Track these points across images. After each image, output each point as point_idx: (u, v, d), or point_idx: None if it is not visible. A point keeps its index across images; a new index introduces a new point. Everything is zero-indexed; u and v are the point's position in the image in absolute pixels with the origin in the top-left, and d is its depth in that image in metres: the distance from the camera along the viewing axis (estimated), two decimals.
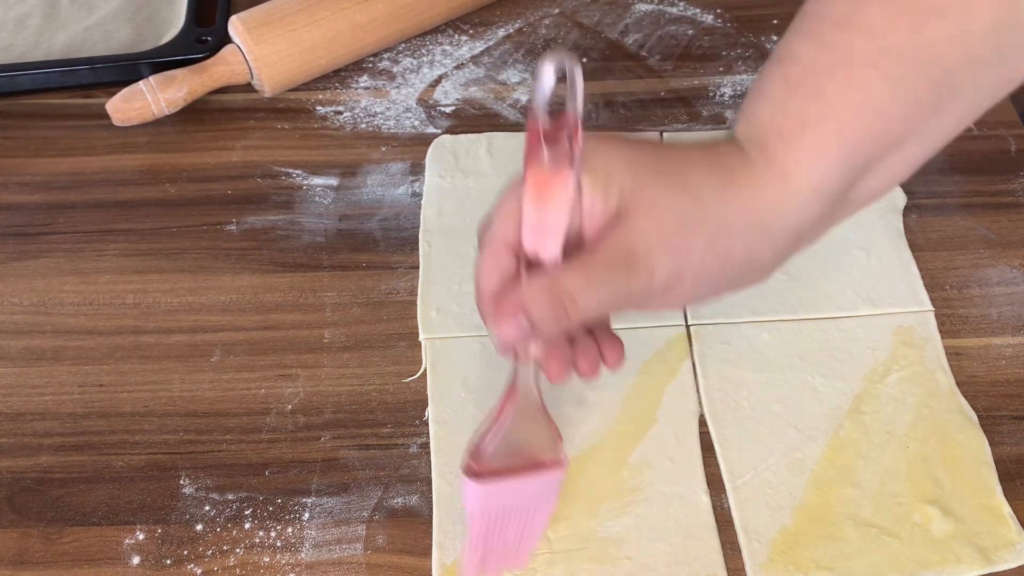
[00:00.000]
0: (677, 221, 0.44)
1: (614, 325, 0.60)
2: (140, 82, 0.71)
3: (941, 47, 0.44)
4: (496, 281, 0.46)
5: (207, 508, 0.54)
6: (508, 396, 0.48)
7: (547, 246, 0.45)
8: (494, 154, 0.71)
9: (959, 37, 0.44)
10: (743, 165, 0.46)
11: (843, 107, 0.45)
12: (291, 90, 0.76)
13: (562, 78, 0.43)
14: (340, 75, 0.77)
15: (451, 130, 0.73)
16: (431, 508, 0.54)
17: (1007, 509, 0.53)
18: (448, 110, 0.75)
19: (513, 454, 0.48)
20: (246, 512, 0.54)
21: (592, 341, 0.50)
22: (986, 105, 0.47)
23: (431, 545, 0.53)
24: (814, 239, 0.48)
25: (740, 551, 0.53)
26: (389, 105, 0.75)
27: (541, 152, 0.43)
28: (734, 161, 0.46)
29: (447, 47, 0.79)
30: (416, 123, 0.74)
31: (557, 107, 0.43)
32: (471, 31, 0.81)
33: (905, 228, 0.66)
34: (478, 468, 0.47)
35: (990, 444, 0.56)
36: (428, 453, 0.56)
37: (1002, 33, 0.44)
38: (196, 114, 0.74)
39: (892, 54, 0.44)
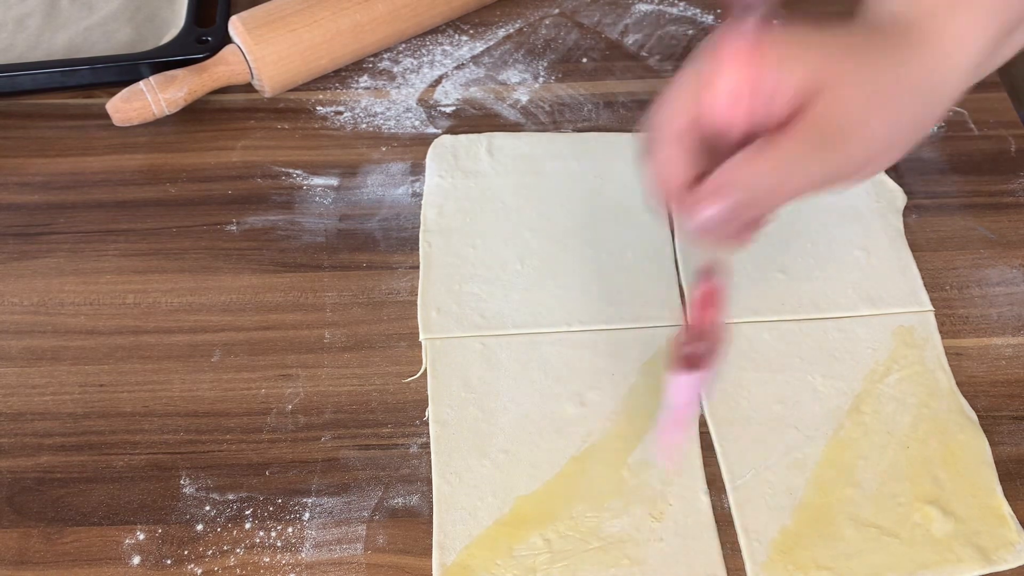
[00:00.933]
0: (870, 96, 0.45)
1: (613, 326, 0.61)
2: (140, 82, 0.71)
3: None
4: (683, 165, 0.47)
5: (207, 508, 0.54)
6: (705, 284, 0.50)
7: (745, 116, 0.45)
8: (494, 154, 0.71)
9: None
10: (910, 42, 0.47)
11: None
12: (291, 90, 0.76)
13: None
14: (340, 75, 0.77)
15: (451, 130, 0.73)
16: (431, 508, 0.54)
17: (1007, 509, 0.53)
18: (448, 110, 0.75)
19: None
20: (246, 512, 0.54)
21: None
22: None
23: (431, 545, 0.53)
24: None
25: (740, 551, 0.53)
26: (389, 105, 0.75)
27: (745, 22, 0.44)
28: (901, 39, 0.47)
29: (447, 47, 0.79)
30: (416, 123, 0.74)
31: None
32: (471, 31, 0.81)
33: (905, 228, 0.66)
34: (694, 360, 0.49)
35: (990, 444, 0.56)
36: (428, 453, 0.56)
37: None
38: (196, 114, 0.74)
39: None
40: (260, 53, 0.72)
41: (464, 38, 0.80)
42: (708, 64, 0.45)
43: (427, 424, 0.57)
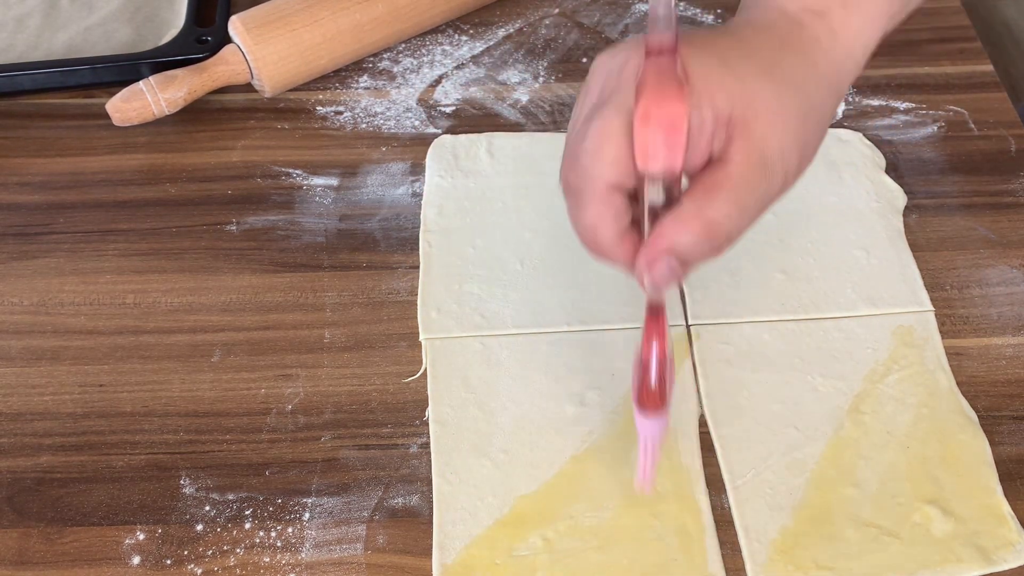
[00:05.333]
0: (799, 120, 0.45)
1: (613, 326, 0.61)
2: (140, 82, 0.71)
3: None
4: (616, 227, 0.45)
5: (207, 508, 0.54)
6: (654, 326, 0.47)
7: (673, 168, 0.43)
8: (494, 154, 0.71)
9: None
10: (814, 41, 0.47)
11: None
12: (291, 90, 0.76)
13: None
14: (340, 75, 0.77)
15: (451, 130, 0.73)
16: (431, 508, 0.54)
17: (1007, 509, 0.53)
18: (448, 110, 0.75)
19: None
20: (246, 512, 0.54)
21: None
22: None
23: (431, 545, 0.53)
24: None
25: (740, 551, 0.53)
26: (389, 105, 0.75)
27: (663, 71, 0.42)
28: (807, 39, 0.47)
29: (447, 47, 0.79)
30: (416, 123, 0.74)
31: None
32: (471, 31, 0.81)
33: (905, 228, 0.66)
34: (658, 403, 0.48)
35: (990, 444, 0.56)
36: (428, 453, 0.56)
37: None
38: (196, 114, 0.74)
39: None
40: (260, 53, 0.72)
41: (464, 38, 0.80)
42: (633, 107, 0.43)
43: (427, 424, 0.57)
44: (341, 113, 0.75)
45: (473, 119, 0.74)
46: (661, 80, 0.42)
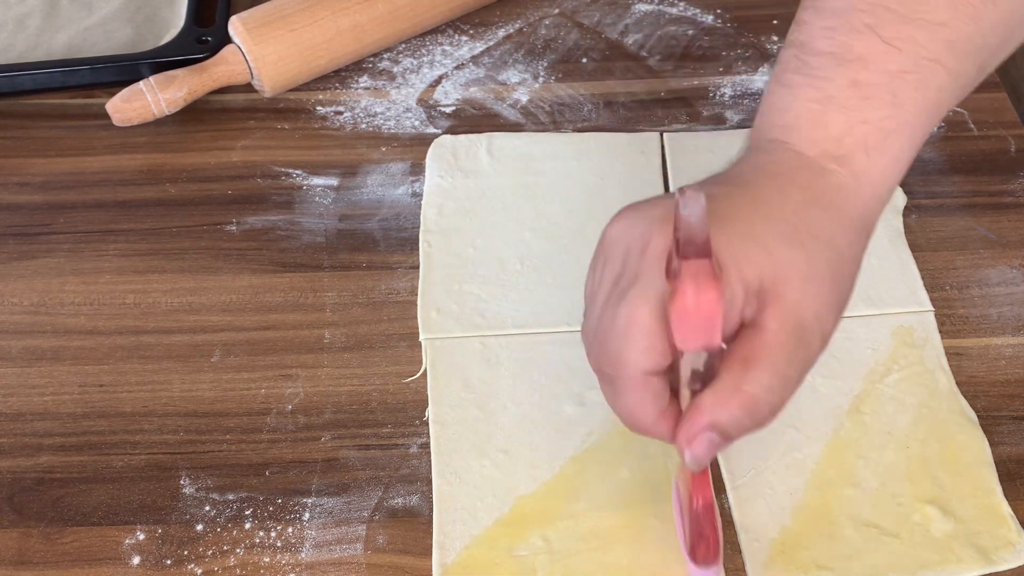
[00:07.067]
0: (831, 280, 0.44)
1: None
2: (140, 82, 0.71)
3: (990, 33, 0.46)
4: (655, 408, 0.45)
5: (207, 508, 0.54)
6: (700, 476, 0.47)
7: (710, 346, 0.42)
8: (494, 154, 0.71)
9: (1007, 19, 0.46)
10: (837, 189, 0.46)
11: (916, 110, 0.46)
12: (291, 90, 0.76)
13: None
14: (340, 75, 0.77)
15: (451, 130, 0.73)
16: (431, 508, 0.54)
17: (1007, 509, 0.53)
18: (448, 110, 0.75)
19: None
20: (246, 512, 0.54)
21: None
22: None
23: (431, 545, 0.53)
24: None
25: (740, 551, 0.53)
26: (389, 105, 0.75)
27: (700, 270, 0.40)
28: (830, 188, 0.46)
29: (447, 47, 0.79)
30: (416, 123, 0.74)
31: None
32: (471, 31, 0.81)
33: (905, 228, 0.66)
34: (713, 555, 0.47)
35: (990, 444, 0.56)
36: (428, 453, 0.56)
37: None
38: (196, 114, 0.74)
39: (954, 48, 0.45)
40: (260, 53, 0.72)
41: (464, 38, 0.80)
42: (668, 300, 0.41)
43: (427, 424, 0.57)
44: (341, 113, 0.75)
45: (473, 119, 0.74)
46: (698, 278, 0.40)
